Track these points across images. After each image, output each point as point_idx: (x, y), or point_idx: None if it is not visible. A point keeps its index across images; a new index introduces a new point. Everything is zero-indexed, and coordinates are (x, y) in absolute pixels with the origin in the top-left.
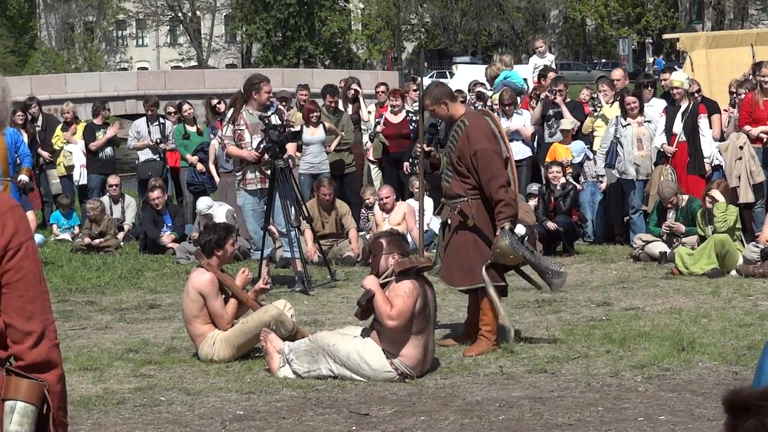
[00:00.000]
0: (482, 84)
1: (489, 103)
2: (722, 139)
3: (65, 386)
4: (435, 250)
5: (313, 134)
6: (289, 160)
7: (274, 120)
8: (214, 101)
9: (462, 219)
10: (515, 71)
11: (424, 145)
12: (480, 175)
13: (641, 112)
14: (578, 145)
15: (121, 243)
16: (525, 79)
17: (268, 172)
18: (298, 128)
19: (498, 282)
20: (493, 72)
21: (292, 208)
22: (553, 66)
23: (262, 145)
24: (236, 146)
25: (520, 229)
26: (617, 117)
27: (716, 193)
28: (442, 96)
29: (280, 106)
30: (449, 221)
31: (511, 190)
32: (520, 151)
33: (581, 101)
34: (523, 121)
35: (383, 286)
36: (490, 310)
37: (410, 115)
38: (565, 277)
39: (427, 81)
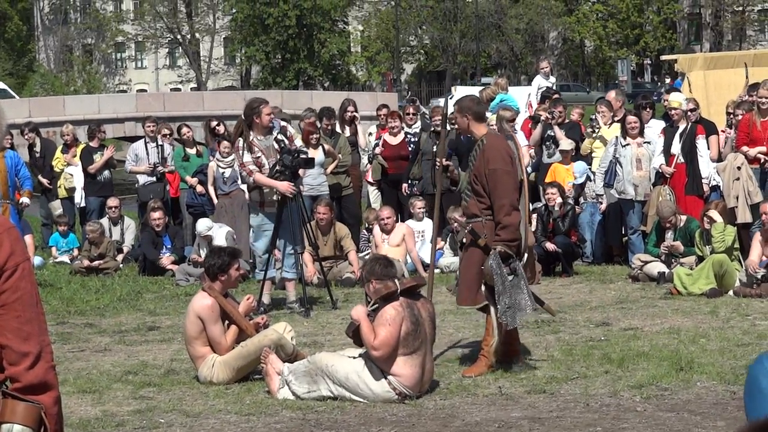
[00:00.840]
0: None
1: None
2: (720, 159)
3: (61, 408)
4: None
5: (314, 155)
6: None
7: (285, 139)
8: (213, 123)
9: (473, 238)
10: (510, 94)
11: (444, 160)
12: (490, 194)
13: (641, 133)
14: (580, 165)
15: (120, 265)
16: (529, 101)
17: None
18: (312, 155)
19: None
20: (488, 94)
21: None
22: (555, 87)
23: (275, 169)
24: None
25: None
26: (617, 137)
27: (714, 214)
28: (468, 110)
29: (283, 123)
30: (464, 240)
31: (516, 214)
32: None
33: (577, 121)
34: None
35: (373, 312)
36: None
37: (408, 136)
38: (514, 321)
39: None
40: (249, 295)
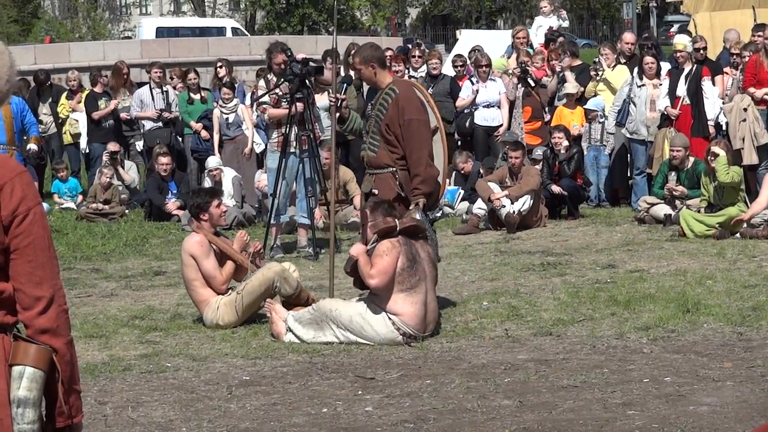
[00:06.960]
0: (479, 49)
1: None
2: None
3: (74, 352)
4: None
5: (318, 101)
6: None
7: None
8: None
9: (399, 191)
10: None
11: (339, 94)
12: (405, 145)
13: (658, 74)
14: (596, 100)
15: (126, 210)
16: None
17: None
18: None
19: None
20: None
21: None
22: (557, 29)
23: (286, 76)
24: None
25: (435, 213)
26: (633, 77)
27: (716, 148)
28: (372, 58)
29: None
30: (374, 191)
31: (434, 166)
32: (495, 117)
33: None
34: (497, 88)
35: (371, 252)
36: None
37: (414, 80)
38: None
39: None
40: (242, 231)
